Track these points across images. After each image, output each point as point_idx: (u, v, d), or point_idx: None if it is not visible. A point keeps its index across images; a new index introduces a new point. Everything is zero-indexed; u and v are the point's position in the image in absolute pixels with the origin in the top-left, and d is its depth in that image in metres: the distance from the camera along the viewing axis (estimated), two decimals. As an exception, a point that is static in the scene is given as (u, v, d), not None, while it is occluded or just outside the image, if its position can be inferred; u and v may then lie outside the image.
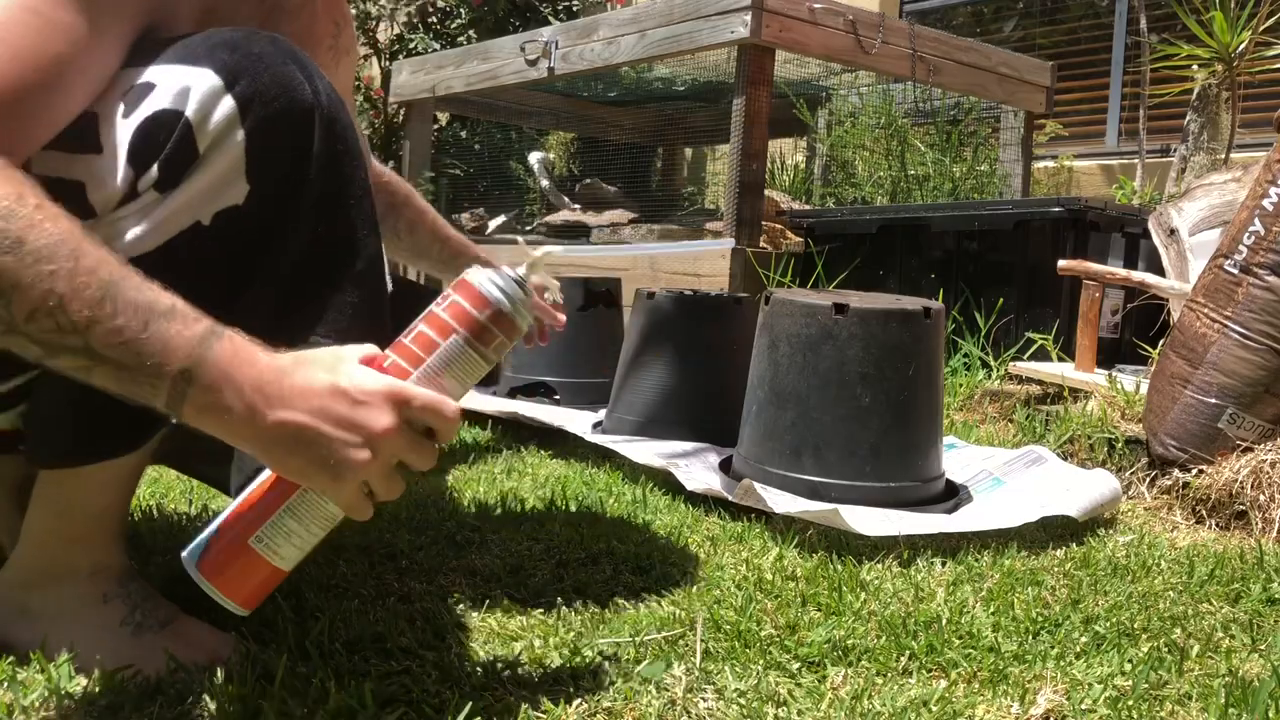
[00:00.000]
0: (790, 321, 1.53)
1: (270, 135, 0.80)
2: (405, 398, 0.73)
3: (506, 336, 0.78)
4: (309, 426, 0.71)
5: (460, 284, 0.78)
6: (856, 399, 1.48)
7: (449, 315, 0.77)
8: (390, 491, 0.75)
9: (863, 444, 1.48)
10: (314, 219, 0.84)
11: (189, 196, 0.80)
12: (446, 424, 0.75)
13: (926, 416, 1.53)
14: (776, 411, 1.53)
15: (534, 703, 0.85)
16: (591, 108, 4.91)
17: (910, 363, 1.50)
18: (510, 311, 0.77)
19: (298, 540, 0.77)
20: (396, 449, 0.73)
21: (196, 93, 0.79)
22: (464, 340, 0.77)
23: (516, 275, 0.79)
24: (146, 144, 0.79)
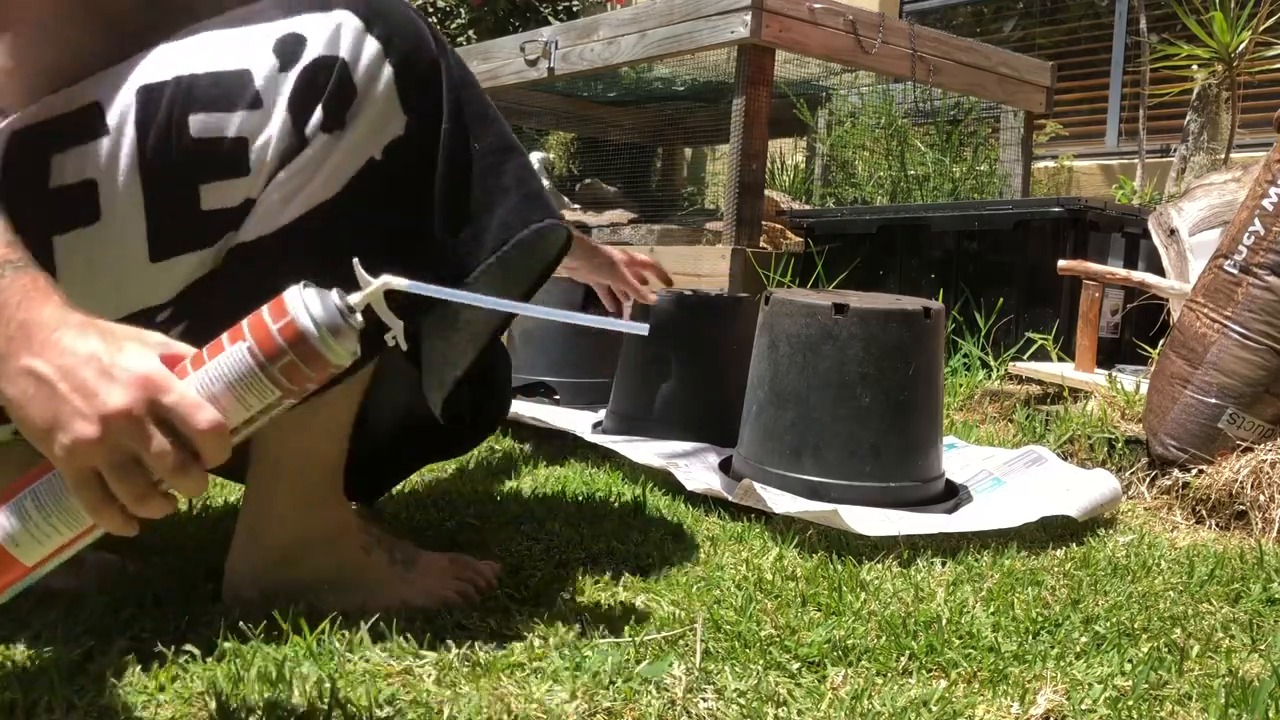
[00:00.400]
0: (790, 321, 1.53)
1: (412, 68, 0.85)
2: (159, 388, 0.66)
3: (309, 369, 0.68)
4: (46, 379, 0.65)
5: (276, 301, 0.69)
6: (856, 399, 1.48)
7: (247, 326, 0.68)
8: (135, 496, 0.66)
9: (863, 444, 1.48)
10: (461, 137, 0.89)
11: (358, 135, 0.85)
12: (196, 433, 0.66)
13: (926, 417, 1.53)
14: (776, 411, 1.53)
15: (534, 703, 0.85)
16: (591, 108, 4.91)
17: (910, 363, 1.50)
18: (316, 342, 0.67)
19: (36, 531, 0.68)
20: (129, 438, 0.65)
21: (346, 36, 0.84)
22: (254, 358, 0.67)
23: (342, 304, 0.69)
24: (307, 91, 0.84)
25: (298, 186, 0.87)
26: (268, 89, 0.85)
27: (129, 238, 0.85)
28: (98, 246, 0.84)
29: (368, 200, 0.88)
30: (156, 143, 0.85)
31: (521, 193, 0.93)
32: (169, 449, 0.66)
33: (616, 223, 3.94)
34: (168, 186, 0.85)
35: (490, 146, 0.93)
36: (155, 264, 0.86)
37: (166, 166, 0.85)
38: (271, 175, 0.86)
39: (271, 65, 0.85)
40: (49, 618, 0.98)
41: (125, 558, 1.19)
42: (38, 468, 0.70)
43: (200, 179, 0.86)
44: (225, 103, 0.85)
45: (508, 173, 0.93)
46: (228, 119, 0.85)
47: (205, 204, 0.86)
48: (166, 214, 0.86)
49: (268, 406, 0.69)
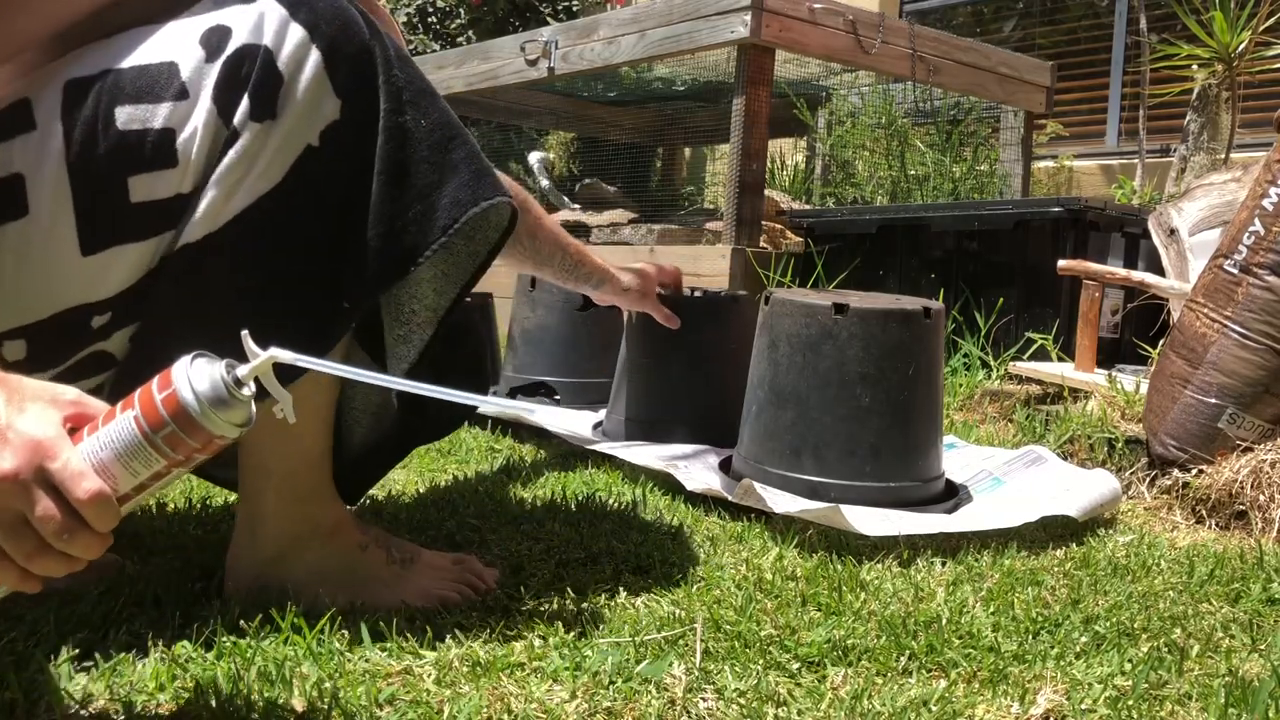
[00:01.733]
0: (790, 321, 1.53)
1: (341, 51, 0.86)
2: (48, 453, 0.66)
3: (192, 440, 0.68)
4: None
5: (164, 371, 0.68)
6: (856, 399, 1.48)
7: (137, 395, 0.68)
8: (24, 555, 0.67)
9: (862, 444, 1.48)
10: (404, 117, 0.89)
11: (291, 122, 0.86)
12: (78, 502, 0.66)
13: (927, 416, 1.53)
14: (776, 411, 1.53)
15: (534, 703, 0.85)
16: (591, 108, 4.92)
17: (910, 363, 1.50)
18: (197, 414, 0.67)
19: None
20: (14, 500, 0.65)
21: (269, 24, 0.85)
22: (139, 427, 0.67)
23: (228, 376, 0.68)
24: (231, 80, 0.84)
25: (238, 179, 0.87)
26: (193, 80, 0.86)
27: (58, 231, 0.85)
28: (26, 241, 0.85)
29: (310, 187, 0.89)
30: (83, 136, 0.85)
31: (471, 169, 0.93)
32: (54, 514, 0.66)
33: (616, 223, 3.94)
34: (95, 179, 0.86)
35: (435, 123, 0.93)
36: (87, 258, 0.86)
37: (93, 159, 0.85)
38: (203, 168, 0.86)
39: (198, 57, 0.86)
40: (48, 617, 0.98)
41: (125, 557, 1.19)
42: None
43: (127, 171, 0.86)
44: (151, 94, 0.85)
45: (456, 150, 0.93)
46: (153, 110, 0.85)
47: (134, 196, 0.86)
48: (95, 207, 0.86)
49: (156, 474, 0.69)
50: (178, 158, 0.86)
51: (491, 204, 0.94)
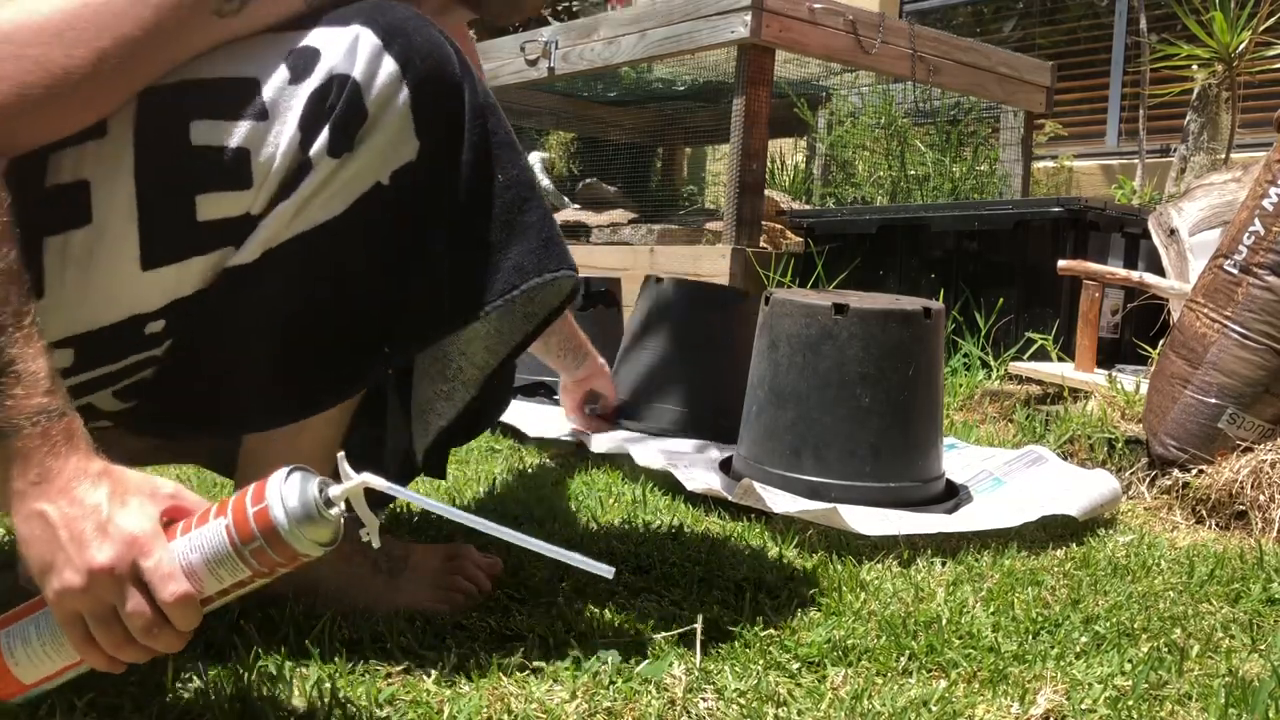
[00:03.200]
0: (790, 322, 1.53)
1: (430, 92, 0.82)
2: (142, 551, 0.68)
3: (277, 555, 0.69)
4: (52, 523, 0.68)
5: (259, 484, 0.70)
6: (856, 399, 1.48)
7: (231, 503, 0.70)
8: (112, 644, 0.69)
9: (862, 444, 1.48)
10: (482, 170, 0.86)
11: (367, 159, 0.82)
12: (163, 603, 0.68)
13: (927, 416, 1.53)
14: (776, 411, 1.53)
15: (534, 703, 0.85)
16: (591, 108, 4.91)
17: (910, 363, 1.50)
18: (286, 534, 0.68)
19: (34, 654, 0.72)
20: (109, 594, 0.68)
21: (362, 54, 0.81)
22: (229, 537, 0.69)
23: (319, 498, 0.70)
24: (316, 109, 0.81)
25: (301, 206, 0.84)
26: (276, 101, 0.82)
27: (120, 243, 0.82)
28: (87, 251, 0.82)
29: (370, 224, 0.86)
30: (154, 148, 0.82)
31: (542, 237, 0.90)
32: (143, 610, 0.68)
33: (616, 223, 3.94)
34: (163, 194, 0.83)
35: (512, 180, 0.90)
36: (146, 272, 0.83)
37: (163, 173, 0.82)
38: (275, 193, 0.84)
39: (282, 77, 0.82)
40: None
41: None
42: (41, 596, 0.73)
43: (197, 189, 0.83)
44: (229, 111, 0.82)
45: (529, 212, 0.90)
46: (231, 128, 0.82)
47: (201, 214, 0.83)
48: (160, 222, 0.83)
49: (240, 582, 0.71)
50: (252, 179, 0.82)
51: (556, 277, 0.91)
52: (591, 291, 2.35)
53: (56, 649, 0.72)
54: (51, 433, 0.70)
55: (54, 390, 0.71)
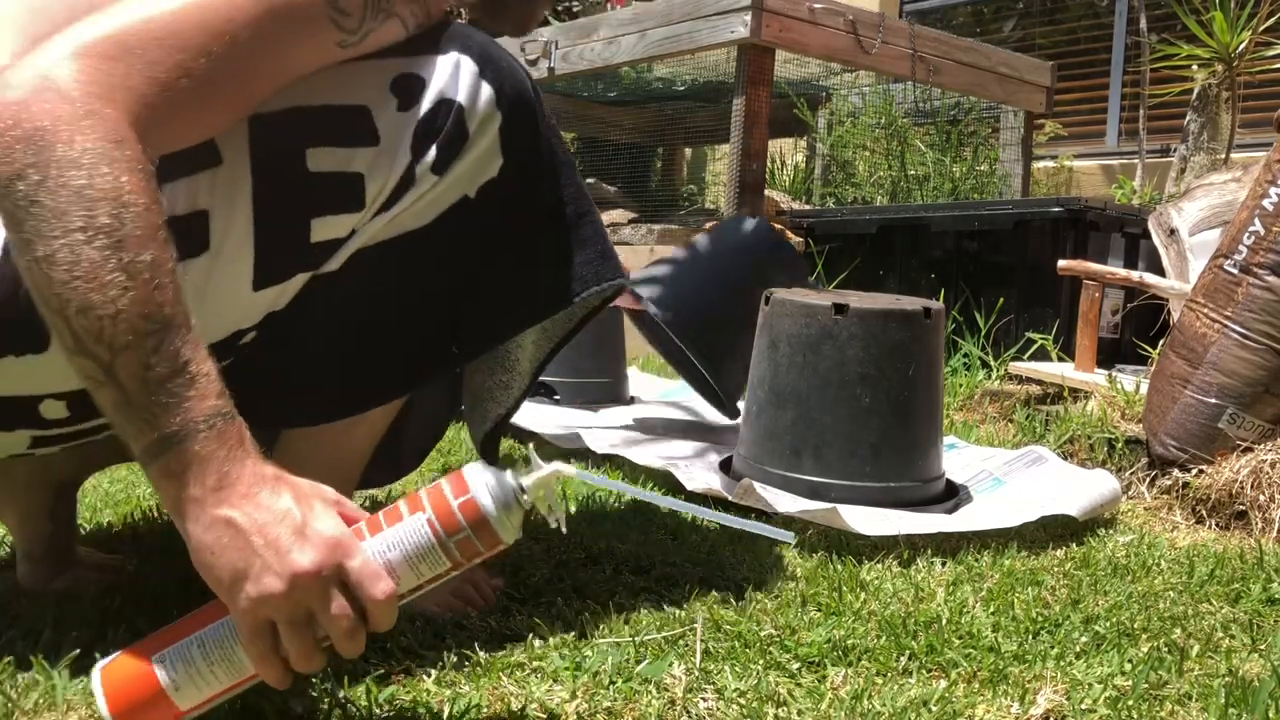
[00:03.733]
0: (790, 322, 1.53)
1: (516, 114, 0.87)
2: (345, 552, 0.69)
3: (485, 547, 0.72)
4: (242, 530, 0.67)
5: (455, 476, 0.72)
6: (856, 399, 1.48)
7: (428, 498, 0.72)
8: (302, 653, 0.69)
9: (863, 444, 1.48)
10: (550, 185, 0.93)
11: (461, 173, 0.86)
12: (372, 601, 0.68)
13: (927, 416, 1.53)
14: (776, 412, 1.53)
15: (534, 703, 0.85)
16: (591, 108, 4.91)
17: (910, 363, 1.50)
18: (495, 521, 0.71)
19: (197, 676, 0.70)
20: (311, 598, 0.68)
21: (464, 80, 0.85)
22: (433, 531, 0.71)
23: (516, 486, 0.72)
24: (426, 132, 0.84)
25: (393, 218, 0.87)
26: (386, 127, 0.84)
27: (236, 267, 0.83)
28: (205, 276, 0.83)
29: (454, 234, 0.89)
30: (270, 175, 0.83)
31: (598, 249, 0.97)
32: (347, 612, 0.68)
33: (617, 223, 3.94)
34: (280, 219, 0.84)
35: (572, 196, 0.96)
36: (257, 292, 0.85)
37: (280, 199, 0.84)
38: (379, 209, 0.86)
39: (391, 104, 0.84)
40: (45, 616, 0.98)
41: (124, 557, 1.19)
42: (200, 614, 0.72)
43: (313, 213, 0.85)
44: (343, 138, 0.84)
45: (586, 226, 0.97)
46: (347, 155, 0.84)
47: (315, 236, 0.85)
48: (275, 246, 0.85)
49: (436, 576, 0.72)
50: (365, 201, 0.85)
51: (611, 285, 0.98)
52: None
53: (226, 667, 0.71)
54: (226, 436, 0.69)
55: (224, 393, 0.70)
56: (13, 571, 1.12)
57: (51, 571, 1.10)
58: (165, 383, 0.68)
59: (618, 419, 2.12)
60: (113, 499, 1.49)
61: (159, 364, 0.67)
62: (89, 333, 0.67)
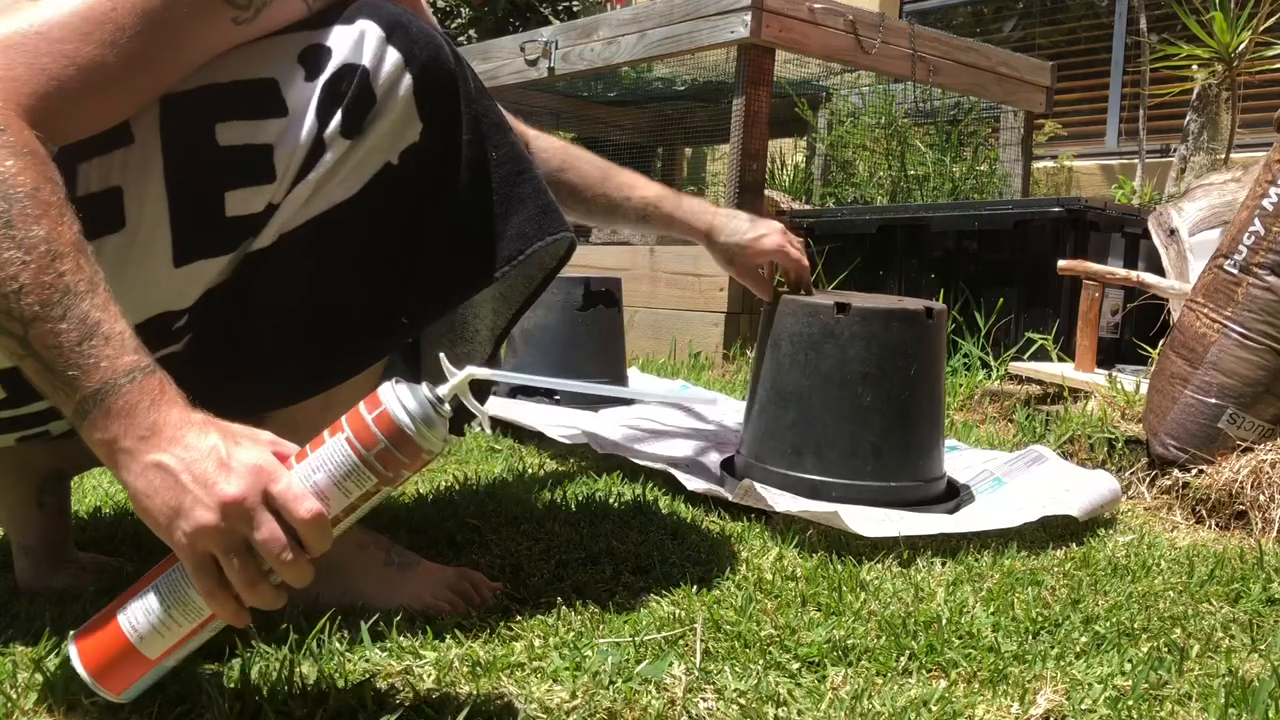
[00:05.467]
0: (792, 320, 1.53)
1: (431, 78, 0.89)
2: (270, 477, 0.71)
3: (406, 458, 0.73)
4: (171, 470, 0.70)
5: (370, 395, 0.74)
6: (858, 398, 1.48)
7: (347, 422, 0.73)
8: (245, 581, 0.71)
9: (864, 444, 1.48)
10: (479, 147, 0.93)
11: (376, 140, 0.88)
12: (300, 521, 0.71)
13: (928, 416, 1.53)
14: (778, 411, 1.53)
15: (534, 703, 0.85)
16: (591, 108, 4.92)
17: (912, 363, 1.50)
18: (413, 434, 0.72)
19: (158, 624, 0.74)
20: (242, 524, 0.70)
21: (369, 45, 0.87)
22: (352, 448, 0.72)
23: (433, 396, 0.74)
24: (331, 97, 0.86)
25: (317, 188, 0.89)
26: (294, 97, 0.87)
27: (154, 244, 0.86)
28: (122, 254, 0.86)
29: (382, 202, 0.91)
30: (182, 151, 0.86)
31: (538, 204, 0.98)
32: (278, 536, 0.71)
33: (616, 223, 3.93)
34: (193, 194, 0.87)
35: (506, 156, 0.97)
36: (179, 269, 0.87)
37: (192, 174, 0.87)
38: (294, 180, 0.88)
39: (298, 74, 0.87)
40: (43, 615, 0.98)
41: (124, 558, 1.19)
42: (158, 566, 0.76)
43: (226, 186, 0.87)
44: (252, 111, 0.87)
45: (524, 184, 0.97)
46: (255, 127, 0.86)
47: (230, 210, 0.88)
48: (191, 220, 0.87)
49: (366, 493, 0.74)
50: (276, 173, 0.87)
51: (555, 239, 0.99)
52: (591, 291, 2.35)
53: (183, 610, 0.74)
54: (148, 388, 0.72)
55: (140, 349, 0.73)
56: (12, 572, 1.12)
57: (49, 567, 1.10)
58: (79, 345, 0.71)
59: (618, 419, 2.12)
60: (112, 499, 1.49)
61: (69, 329, 0.71)
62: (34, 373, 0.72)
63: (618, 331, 2.39)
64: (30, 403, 0.91)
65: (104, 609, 0.76)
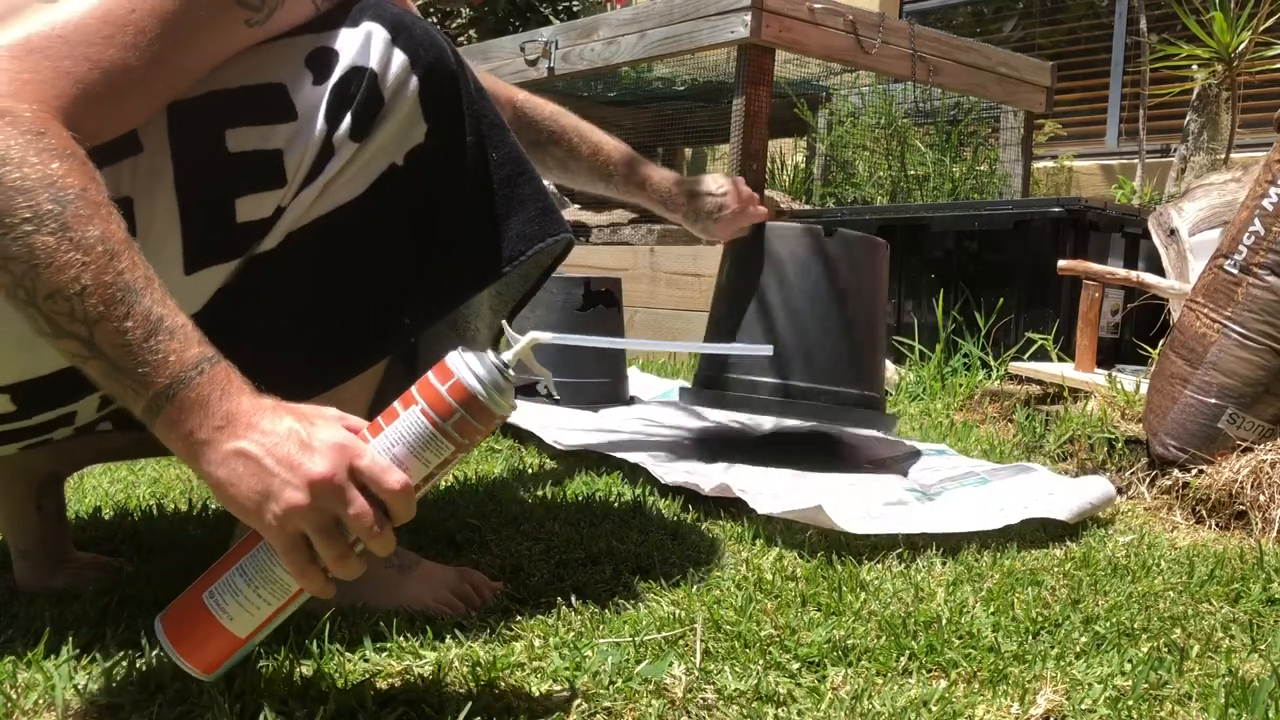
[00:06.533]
0: (780, 243, 1.70)
1: (435, 80, 0.90)
2: (353, 454, 0.73)
3: (481, 424, 0.77)
4: (253, 457, 0.72)
5: (439, 365, 0.77)
6: (842, 312, 1.68)
7: (419, 392, 0.76)
8: (337, 557, 0.73)
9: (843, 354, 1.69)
10: (481, 148, 0.94)
11: (384, 140, 0.88)
12: (389, 493, 0.73)
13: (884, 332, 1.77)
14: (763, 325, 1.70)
15: (534, 702, 0.85)
16: (591, 108, 4.90)
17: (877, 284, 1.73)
18: (486, 400, 0.76)
19: (246, 603, 0.76)
20: (332, 502, 0.72)
21: (375, 48, 0.87)
22: (430, 421, 0.75)
23: (499, 362, 0.77)
24: (340, 100, 0.87)
25: (322, 191, 0.89)
26: (303, 102, 0.87)
27: (164, 253, 0.85)
28: None
29: (387, 203, 0.91)
30: (191, 158, 0.86)
31: (539, 205, 0.99)
32: (367, 509, 0.73)
33: (616, 223, 3.93)
34: (203, 201, 0.87)
35: (506, 157, 0.97)
36: (189, 276, 0.87)
37: (202, 182, 0.86)
38: (303, 184, 0.88)
39: (306, 78, 0.87)
40: (43, 614, 0.98)
41: (124, 558, 1.19)
42: (236, 549, 0.78)
43: (236, 193, 0.87)
44: (260, 116, 0.86)
45: (525, 185, 0.98)
46: (264, 133, 0.86)
47: (240, 216, 0.87)
48: (201, 228, 0.87)
49: (443, 461, 0.77)
50: (286, 177, 0.87)
51: (556, 240, 1.00)
52: (591, 291, 2.35)
53: (271, 589, 0.76)
54: (218, 377, 0.73)
55: (203, 340, 0.74)
56: (11, 572, 1.12)
57: (49, 569, 1.10)
58: (146, 341, 0.71)
59: (618, 419, 2.12)
60: (113, 499, 1.49)
61: (135, 326, 0.71)
62: (62, 315, 0.70)
63: (618, 331, 2.39)
64: (39, 414, 0.91)
65: (186, 592, 0.78)
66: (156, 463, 1.73)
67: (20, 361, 0.85)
